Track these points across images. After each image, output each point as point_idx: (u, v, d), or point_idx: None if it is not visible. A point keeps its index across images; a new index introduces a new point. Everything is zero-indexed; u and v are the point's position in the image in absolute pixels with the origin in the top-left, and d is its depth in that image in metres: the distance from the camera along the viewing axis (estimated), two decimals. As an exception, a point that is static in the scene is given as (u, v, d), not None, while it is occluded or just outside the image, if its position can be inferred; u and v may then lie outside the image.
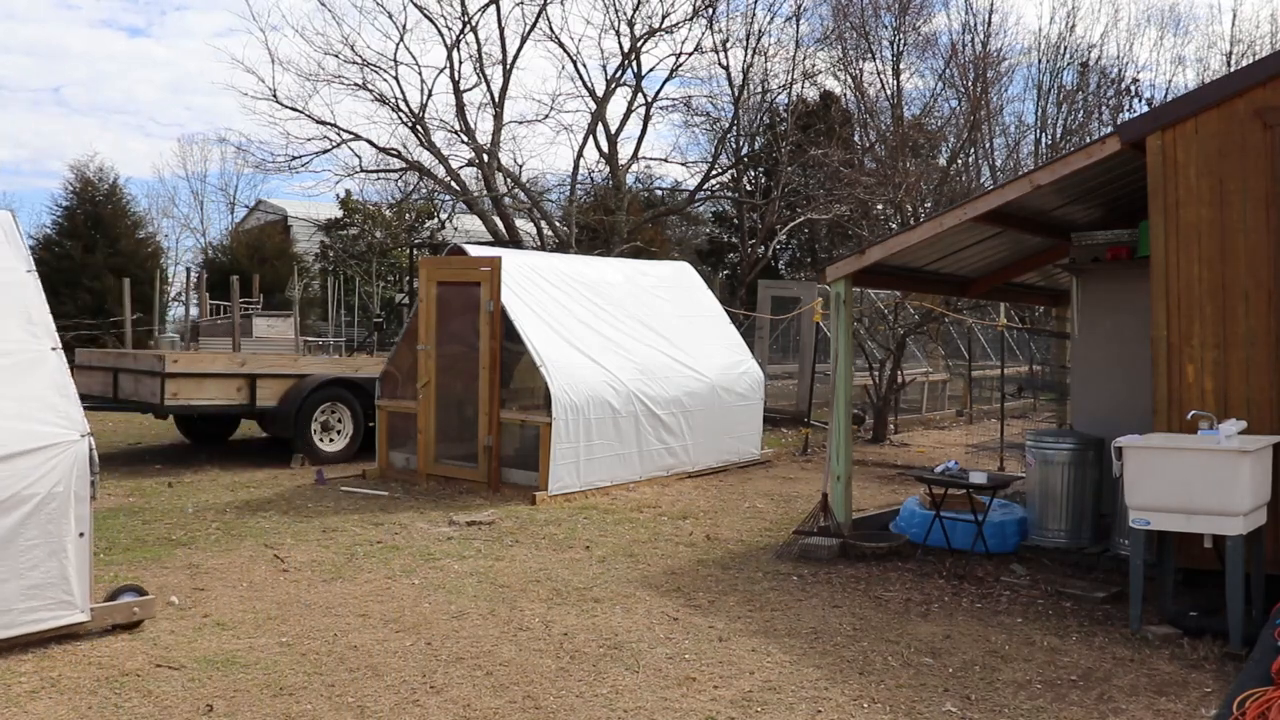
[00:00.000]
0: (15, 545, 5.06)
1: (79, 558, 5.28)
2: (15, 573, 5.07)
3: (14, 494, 5.04)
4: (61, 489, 5.20)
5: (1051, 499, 7.72)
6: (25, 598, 5.10)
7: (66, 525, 5.22)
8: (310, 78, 21.77)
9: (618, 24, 21.62)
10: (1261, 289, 6.03)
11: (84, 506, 5.29)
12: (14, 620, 5.09)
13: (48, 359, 5.52)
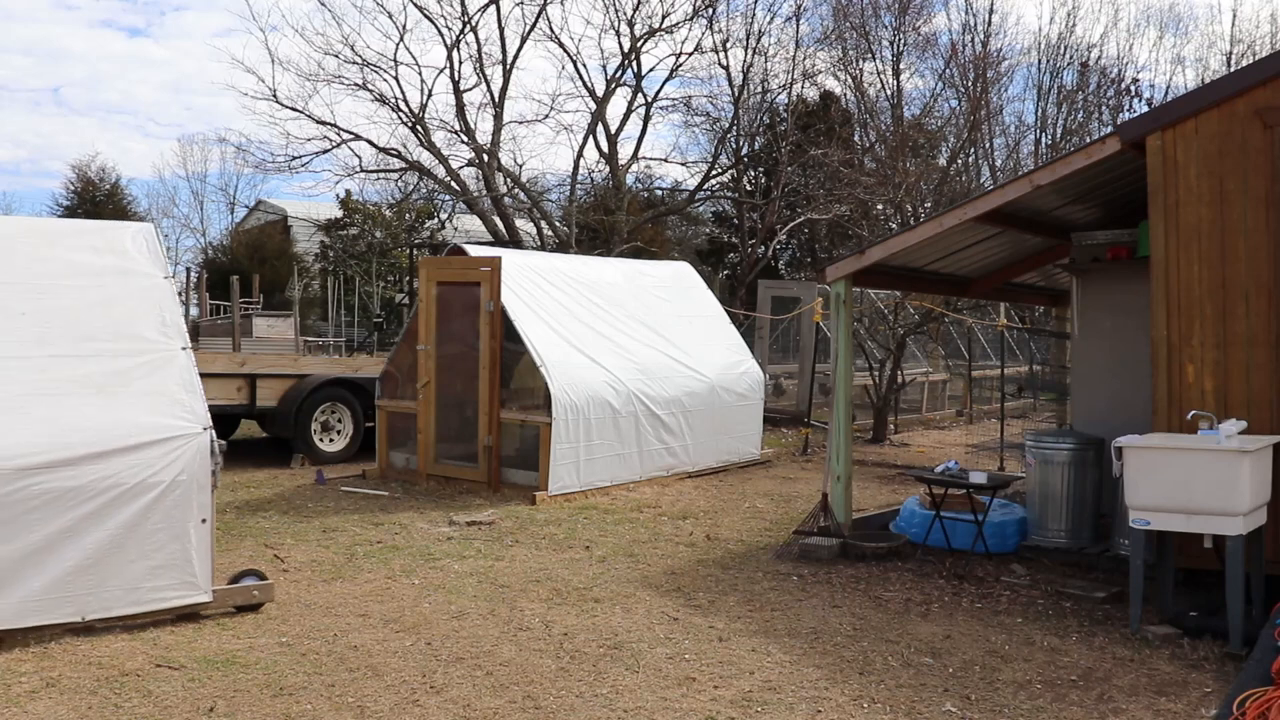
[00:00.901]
0: (143, 529, 5.49)
1: (201, 542, 5.69)
2: (143, 554, 5.50)
3: (141, 481, 5.49)
4: (185, 477, 5.61)
5: (1051, 499, 7.72)
6: (151, 577, 5.53)
7: (189, 511, 5.64)
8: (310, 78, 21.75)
9: (618, 24, 21.64)
10: (1262, 289, 6.03)
11: (205, 494, 5.69)
12: (141, 598, 5.54)
13: (177, 357, 6.04)
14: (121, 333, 6.04)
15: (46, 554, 5.30)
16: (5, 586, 5.20)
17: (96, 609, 5.44)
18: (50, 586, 5.32)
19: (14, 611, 5.24)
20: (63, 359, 5.79)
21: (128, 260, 6.45)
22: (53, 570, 5.32)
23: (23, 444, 5.31)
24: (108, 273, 6.34)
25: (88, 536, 5.38)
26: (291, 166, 20.94)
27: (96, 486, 5.39)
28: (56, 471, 5.32)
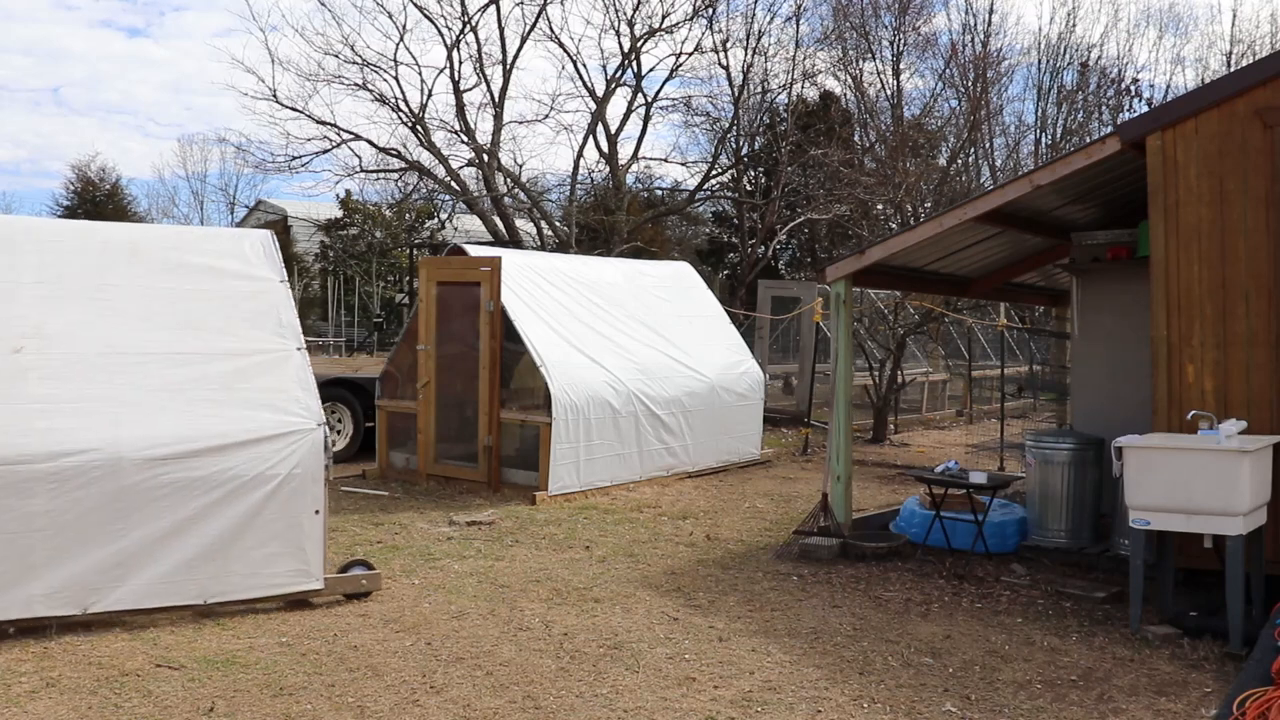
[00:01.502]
0: (260, 518, 5.87)
1: (314, 532, 6.03)
2: (260, 542, 5.87)
3: (260, 473, 5.87)
4: (300, 471, 5.98)
5: (1051, 499, 7.72)
6: (268, 564, 5.91)
7: (304, 503, 5.99)
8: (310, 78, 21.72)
9: (618, 24, 21.63)
10: (1262, 289, 6.03)
11: (318, 487, 6.04)
12: (259, 583, 5.91)
13: (293, 357, 6.40)
14: (242, 334, 6.41)
15: (173, 540, 5.68)
16: (136, 569, 5.61)
17: (217, 593, 5.81)
18: (176, 570, 5.70)
19: (144, 592, 5.63)
20: (190, 357, 6.17)
21: (247, 265, 6.80)
22: (178, 555, 5.70)
23: (153, 437, 5.70)
24: (229, 277, 6.69)
25: (210, 524, 5.76)
26: (291, 166, 20.95)
27: (219, 478, 5.78)
28: (183, 463, 5.72)
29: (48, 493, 5.42)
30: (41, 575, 5.40)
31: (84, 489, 5.49)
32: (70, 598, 5.48)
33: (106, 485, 5.53)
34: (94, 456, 5.53)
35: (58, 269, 6.28)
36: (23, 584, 5.37)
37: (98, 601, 5.53)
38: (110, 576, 5.55)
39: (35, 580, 5.39)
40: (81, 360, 5.89)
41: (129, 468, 5.58)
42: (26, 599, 5.37)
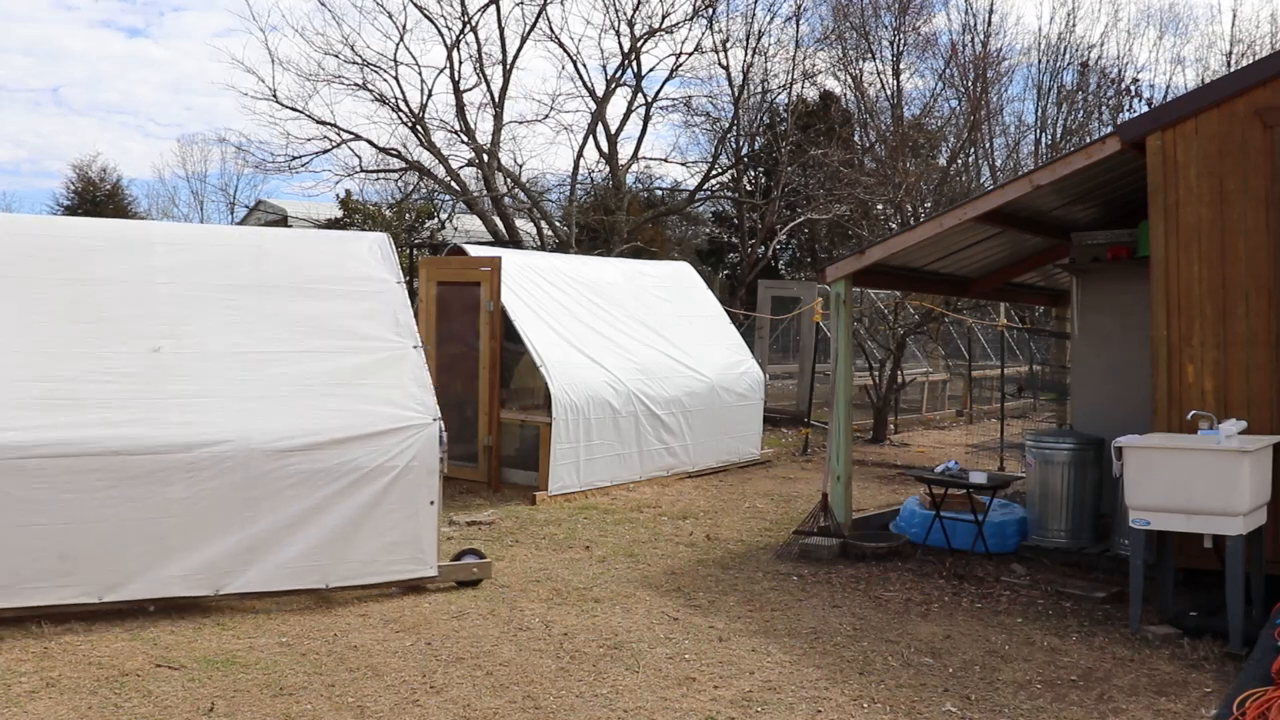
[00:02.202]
0: (380, 508, 6.20)
1: (429, 522, 6.34)
2: (379, 531, 6.20)
3: (379, 465, 6.20)
4: (417, 463, 6.30)
5: (1051, 499, 7.72)
6: (386, 552, 6.24)
7: (420, 493, 6.32)
8: (310, 78, 21.68)
9: (618, 24, 21.60)
10: (1262, 289, 6.03)
11: (433, 479, 6.35)
12: (377, 570, 6.23)
13: (409, 355, 6.72)
14: (362, 332, 6.74)
15: (299, 527, 6.02)
16: (265, 554, 5.95)
17: (337, 579, 6.13)
18: (300, 556, 6.03)
19: (270, 576, 5.97)
20: (313, 355, 6.51)
21: (366, 267, 7.14)
22: (303, 542, 6.03)
23: (280, 430, 6.05)
24: (349, 278, 7.03)
25: (332, 513, 6.09)
26: (291, 166, 20.94)
27: (341, 469, 6.13)
28: (308, 454, 6.06)
29: (184, 481, 5.78)
30: (177, 558, 5.77)
31: (217, 478, 5.85)
32: (203, 580, 5.84)
33: (237, 475, 5.89)
34: (226, 448, 5.89)
35: (189, 271, 6.63)
36: (160, 566, 5.74)
37: (228, 584, 5.89)
38: (240, 560, 5.90)
39: (172, 562, 5.76)
40: (213, 358, 6.26)
41: (258, 459, 5.94)
42: (164, 580, 5.75)
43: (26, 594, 5.50)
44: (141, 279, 6.48)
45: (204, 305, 6.50)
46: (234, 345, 6.37)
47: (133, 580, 5.70)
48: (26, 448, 5.50)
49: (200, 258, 6.78)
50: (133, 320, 6.25)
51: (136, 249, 6.68)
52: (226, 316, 6.50)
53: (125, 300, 6.34)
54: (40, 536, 5.51)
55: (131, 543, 5.68)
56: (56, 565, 5.55)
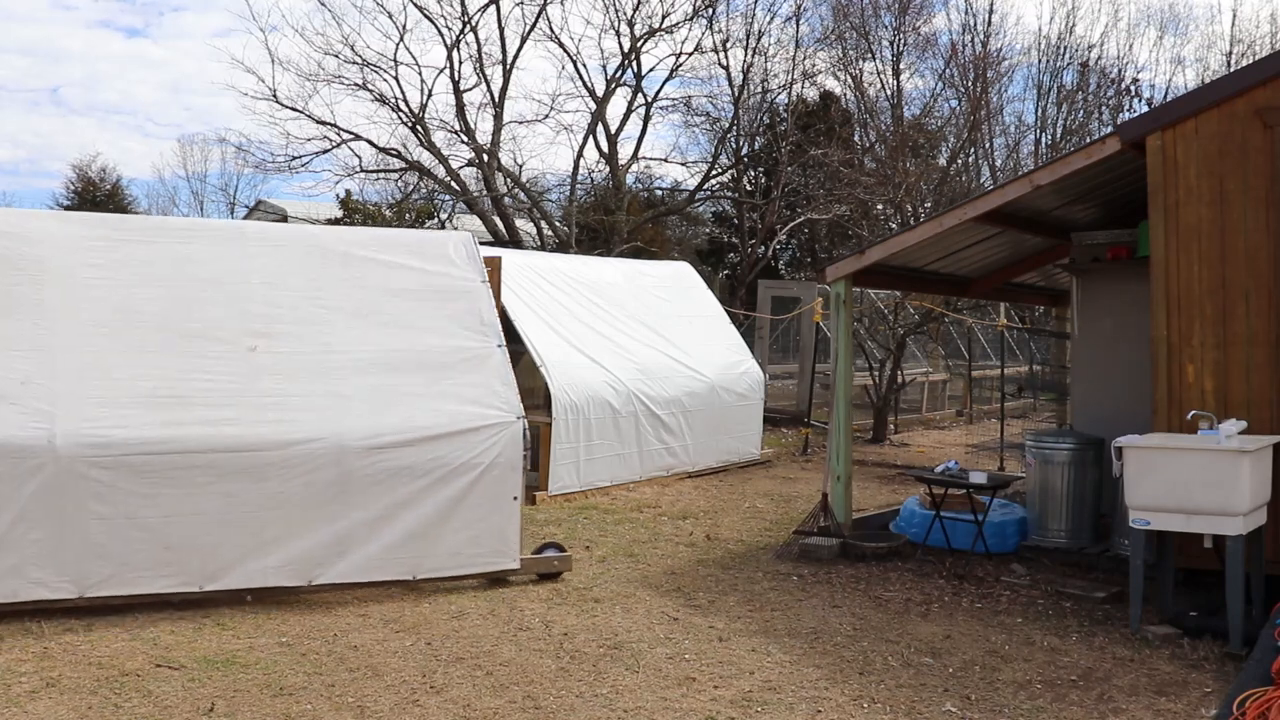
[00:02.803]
0: (466, 502, 6.40)
1: (512, 516, 6.55)
2: (465, 524, 6.41)
3: (466, 461, 6.41)
4: (502, 459, 6.51)
5: (1051, 499, 7.72)
6: (471, 545, 6.44)
7: (504, 489, 6.52)
8: (310, 78, 21.68)
9: (618, 24, 21.61)
10: (1262, 289, 6.03)
11: (517, 475, 6.56)
12: (462, 562, 6.44)
13: (494, 355, 6.90)
14: (447, 332, 6.91)
15: (388, 520, 6.24)
16: (356, 546, 6.18)
17: (425, 570, 6.34)
18: (390, 548, 6.25)
19: (361, 567, 6.19)
20: (400, 354, 6.69)
21: (451, 266, 7.27)
22: (391, 535, 6.24)
23: (371, 427, 6.26)
24: (435, 278, 7.17)
25: (421, 507, 6.31)
26: (291, 166, 20.95)
27: (429, 465, 6.33)
28: (398, 451, 6.26)
29: (280, 476, 6.01)
30: (274, 550, 6.01)
31: (312, 474, 6.07)
32: (298, 570, 6.07)
33: (330, 471, 6.11)
34: (320, 445, 6.12)
35: (281, 271, 6.82)
36: (258, 557, 5.98)
37: (321, 574, 6.11)
38: (333, 552, 6.12)
39: (269, 554, 6.00)
40: (305, 357, 6.45)
41: (350, 456, 6.16)
42: (262, 570, 5.98)
43: (133, 582, 5.75)
44: (237, 279, 6.67)
45: (296, 305, 6.68)
46: (325, 345, 6.56)
47: (231, 571, 5.94)
48: (137, 445, 5.75)
49: (291, 257, 6.96)
50: (229, 320, 6.45)
51: (231, 248, 6.88)
52: (317, 316, 6.69)
53: (221, 300, 6.53)
54: (147, 528, 5.76)
55: (231, 535, 5.93)
56: (161, 555, 5.80)
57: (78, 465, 5.63)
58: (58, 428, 5.66)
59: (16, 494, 5.54)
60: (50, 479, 5.59)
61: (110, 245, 6.56)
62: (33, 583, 5.58)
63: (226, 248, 6.86)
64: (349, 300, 6.84)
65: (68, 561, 5.64)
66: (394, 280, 7.06)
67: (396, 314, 6.88)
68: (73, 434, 5.67)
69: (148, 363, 6.09)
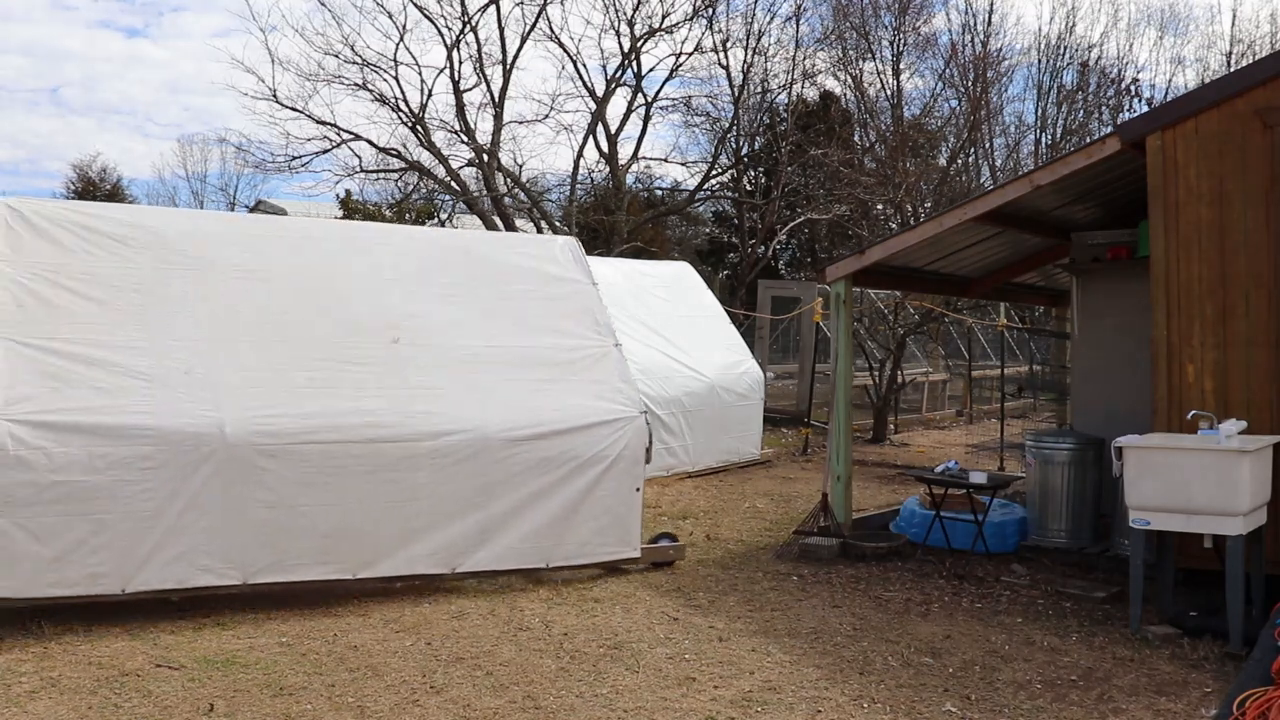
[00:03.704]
0: (593, 494, 6.70)
1: (635, 507, 6.86)
2: (592, 515, 6.71)
3: (595, 454, 6.71)
4: (628, 452, 6.82)
5: (1051, 499, 7.72)
6: (597, 535, 6.75)
7: (629, 481, 6.82)
8: (310, 78, 21.63)
9: (618, 24, 21.59)
10: (1262, 289, 6.02)
11: (639, 467, 6.87)
12: (589, 552, 6.74)
13: (611, 353, 7.26)
14: (567, 330, 7.22)
15: (526, 510, 6.51)
16: (496, 535, 6.43)
17: (556, 559, 6.62)
18: (526, 537, 6.51)
19: (499, 556, 6.44)
20: (525, 350, 6.96)
21: (561, 268, 7.59)
22: (528, 525, 6.52)
23: (510, 420, 6.52)
24: (549, 279, 7.48)
25: (554, 498, 6.58)
26: (291, 166, 20.89)
27: (562, 458, 6.60)
28: (535, 444, 6.53)
29: (429, 467, 6.22)
30: (422, 539, 6.22)
31: (458, 465, 6.30)
32: (443, 559, 6.29)
33: (475, 462, 6.35)
34: (466, 437, 6.34)
35: (411, 269, 7.06)
36: (407, 546, 6.19)
37: (463, 563, 6.35)
38: (474, 541, 6.36)
39: (417, 543, 6.21)
40: (442, 350, 6.70)
41: (494, 447, 6.40)
42: (410, 558, 6.20)
43: (292, 569, 5.91)
44: (372, 275, 6.89)
45: (429, 301, 6.90)
46: (457, 339, 6.79)
47: (383, 559, 6.13)
48: (301, 433, 5.92)
49: (418, 256, 7.21)
50: (369, 314, 6.65)
51: (362, 247, 7.15)
52: (448, 312, 6.91)
53: (360, 295, 6.74)
54: (307, 517, 5.92)
55: (384, 524, 6.12)
56: (319, 544, 5.95)
57: (246, 453, 5.77)
58: (226, 415, 5.78)
59: (188, 481, 5.65)
60: (220, 466, 5.71)
61: (251, 241, 6.76)
62: (200, 569, 5.70)
63: (357, 246, 7.13)
64: (475, 297, 7.08)
65: (233, 548, 5.76)
66: (512, 280, 7.33)
67: (519, 312, 7.15)
68: (241, 422, 5.80)
69: (299, 354, 6.26)
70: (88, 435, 5.45)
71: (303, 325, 6.44)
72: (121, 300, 6.05)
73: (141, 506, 5.55)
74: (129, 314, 6.02)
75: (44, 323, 5.75)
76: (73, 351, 5.70)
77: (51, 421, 5.39)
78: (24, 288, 5.80)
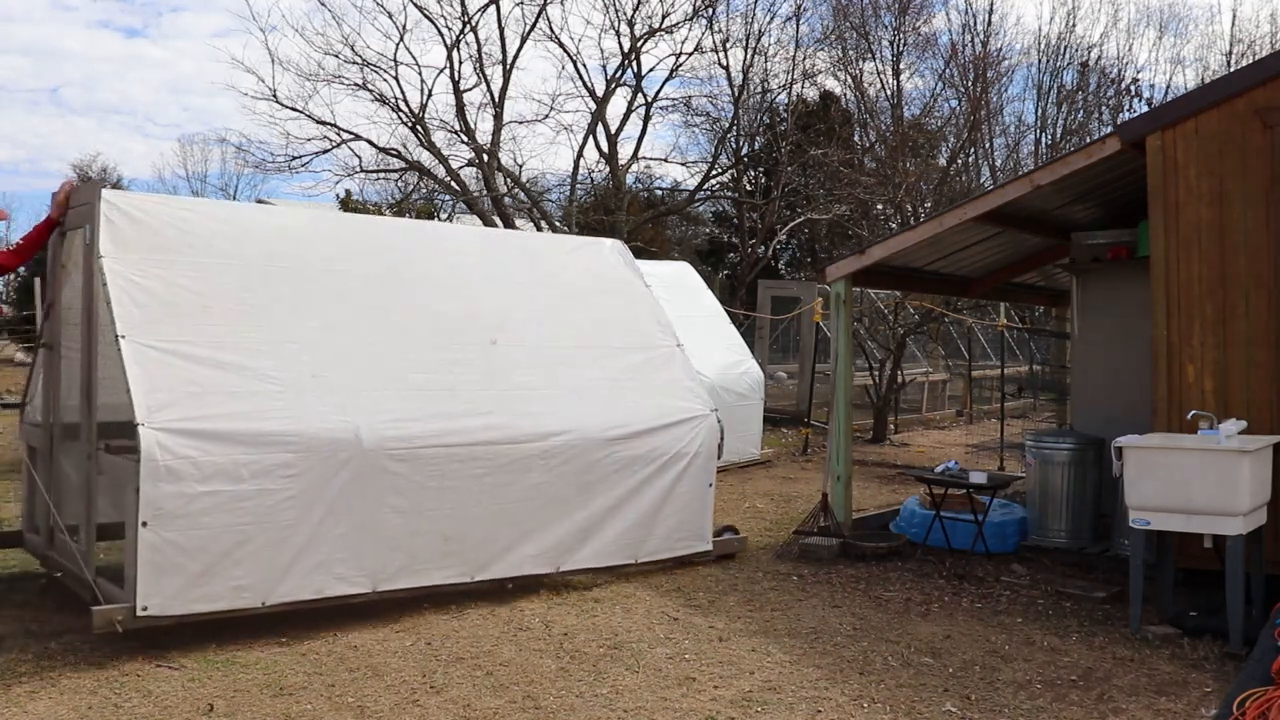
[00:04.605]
0: (675, 490, 6.87)
1: (708, 503, 7.10)
2: (674, 511, 6.89)
3: (677, 452, 6.89)
4: (703, 450, 7.02)
5: (1051, 499, 7.72)
6: (677, 530, 6.93)
7: (703, 477, 7.03)
8: (310, 78, 21.62)
9: (618, 24, 21.58)
10: (1262, 289, 6.02)
11: (712, 463, 7.09)
12: (670, 547, 6.91)
13: (676, 353, 7.41)
14: (633, 330, 7.36)
15: (622, 507, 6.65)
16: (594, 533, 6.54)
17: (643, 554, 6.78)
18: (620, 534, 6.65)
19: (598, 553, 6.56)
20: (600, 351, 7.06)
21: (615, 270, 7.73)
22: (621, 522, 6.66)
23: (604, 420, 6.64)
24: (606, 280, 7.61)
25: (644, 496, 6.74)
26: (291, 166, 20.88)
27: (650, 456, 6.76)
28: (627, 443, 6.67)
29: (540, 468, 6.30)
30: (532, 539, 6.29)
31: (564, 464, 6.38)
32: (550, 558, 6.38)
33: (579, 462, 6.45)
34: (571, 437, 6.43)
35: (495, 271, 7.10)
36: (519, 547, 6.25)
37: (567, 561, 6.45)
38: (577, 540, 6.46)
39: (528, 543, 6.28)
40: (535, 352, 6.76)
41: (594, 446, 6.51)
42: (520, 559, 6.26)
43: (419, 575, 5.89)
44: (462, 277, 6.87)
45: (514, 304, 6.92)
46: (543, 341, 6.85)
47: (497, 560, 6.17)
48: (428, 437, 5.89)
49: (490, 255, 7.25)
50: (465, 317, 6.64)
51: (437, 245, 7.18)
52: (533, 313, 6.96)
53: (449, 294, 6.71)
54: (432, 521, 5.91)
55: (499, 525, 6.16)
56: (441, 547, 5.95)
57: (379, 458, 5.68)
58: (359, 420, 5.67)
59: (326, 488, 5.50)
60: (357, 472, 5.61)
61: (336, 238, 6.67)
62: (336, 578, 5.58)
63: (435, 248, 7.13)
64: (546, 298, 7.14)
65: (365, 556, 5.67)
66: (574, 280, 7.40)
67: (586, 312, 7.24)
68: (373, 426, 5.71)
69: (407, 355, 6.21)
70: (232, 443, 5.22)
71: (403, 325, 6.34)
72: (231, 300, 5.75)
73: (283, 515, 5.36)
74: (242, 314, 5.75)
75: (165, 323, 5.40)
76: (199, 354, 5.41)
77: (197, 429, 5.14)
78: (137, 286, 5.41)
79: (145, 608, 4.97)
